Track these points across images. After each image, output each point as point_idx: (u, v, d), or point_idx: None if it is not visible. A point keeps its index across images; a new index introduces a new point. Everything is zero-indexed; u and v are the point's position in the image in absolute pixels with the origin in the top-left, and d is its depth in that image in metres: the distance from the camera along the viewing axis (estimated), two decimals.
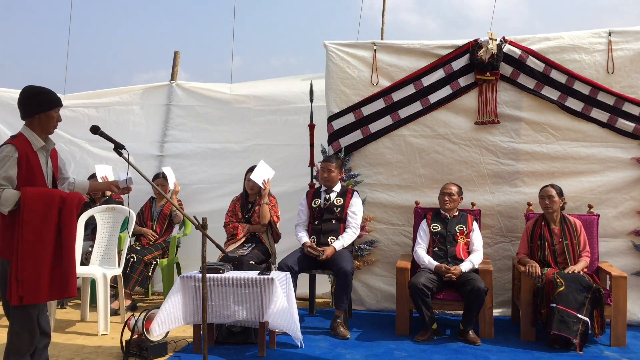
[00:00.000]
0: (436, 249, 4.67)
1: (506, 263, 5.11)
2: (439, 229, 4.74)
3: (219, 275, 4.01)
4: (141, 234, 5.60)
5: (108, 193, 5.82)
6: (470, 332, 4.35)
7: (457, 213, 4.80)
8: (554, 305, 4.10)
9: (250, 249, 4.96)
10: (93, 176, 5.92)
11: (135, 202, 5.37)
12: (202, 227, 3.24)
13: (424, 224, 4.83)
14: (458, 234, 4.68)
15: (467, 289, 4.29)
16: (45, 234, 3.08)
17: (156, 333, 3.87)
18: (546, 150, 5.05)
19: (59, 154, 3.44)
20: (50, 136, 3.27)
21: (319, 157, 5.42)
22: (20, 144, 3.10)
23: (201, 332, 3.95)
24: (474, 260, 4.55)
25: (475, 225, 4.77)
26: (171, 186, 5.63)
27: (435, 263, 4.53)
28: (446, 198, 4.75)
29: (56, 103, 3.24)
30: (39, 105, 3.18)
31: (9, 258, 3.05)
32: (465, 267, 4.47)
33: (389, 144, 5.28)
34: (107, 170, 5.77)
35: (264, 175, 5.10)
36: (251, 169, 5.21)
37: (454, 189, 4.79)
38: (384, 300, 5.29)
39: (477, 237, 4.72)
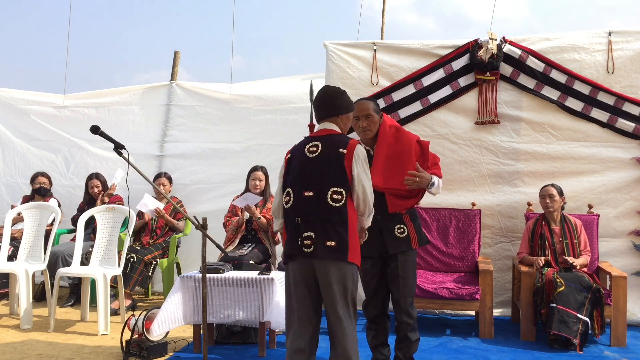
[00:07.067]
0: None
1: (506, 263, 5.11)
2: None
3: (219, 275, 4.01)
4: (142, 230, 5.64)
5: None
6: None
7: None
8: (554, 305, 4.10)
9: (250, 249, 4.96)
10: (91, 177, 5.92)
11: (135, 202, 5.37)
12: (202, 227, 3.24)
13: None
14: None
15: None
16: None
17: (156, 333, 3.87)
18: (546, 150, 5.05)
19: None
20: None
21: None
22: None
23: (201, 332, 3.96)
24: None
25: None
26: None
27: None
28: None
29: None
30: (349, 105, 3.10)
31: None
32: None
33: None
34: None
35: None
36: (254, 169, 5.24)
37: None
38: None
39: None
